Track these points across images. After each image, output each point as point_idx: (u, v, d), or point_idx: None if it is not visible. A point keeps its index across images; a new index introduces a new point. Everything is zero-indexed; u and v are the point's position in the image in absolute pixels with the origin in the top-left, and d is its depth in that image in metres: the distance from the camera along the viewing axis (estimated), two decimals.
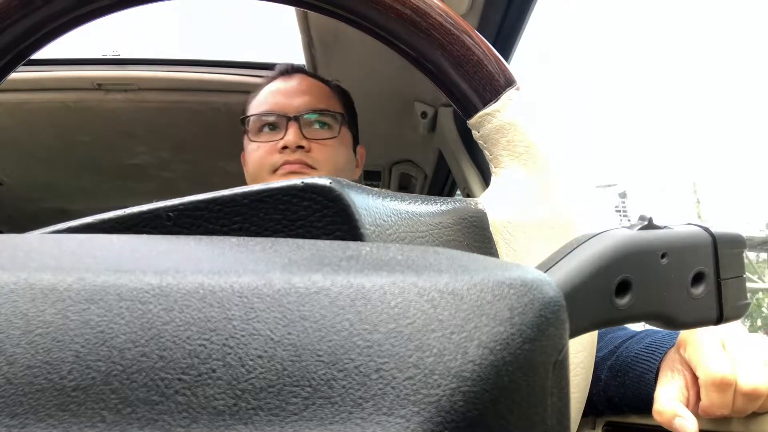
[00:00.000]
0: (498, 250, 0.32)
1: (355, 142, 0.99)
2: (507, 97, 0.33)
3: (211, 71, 1.35)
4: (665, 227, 0.25)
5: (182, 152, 1.57)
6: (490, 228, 0.32)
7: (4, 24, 0.31)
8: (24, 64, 0.33)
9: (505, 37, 1.02)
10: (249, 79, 1.33)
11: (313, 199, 0.22)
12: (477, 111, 0.33)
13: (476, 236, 0.31)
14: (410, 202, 0.28)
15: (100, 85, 1.32)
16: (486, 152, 0.35)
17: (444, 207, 0.30)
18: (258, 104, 0.93)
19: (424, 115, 1.30)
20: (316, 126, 0.90)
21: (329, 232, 0.22)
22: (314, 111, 0.90)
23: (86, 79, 1.31)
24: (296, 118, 0.89)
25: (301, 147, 0.87)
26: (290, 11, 1.09)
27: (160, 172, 1.68)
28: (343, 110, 0.95)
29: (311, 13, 0.88)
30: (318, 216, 0.22)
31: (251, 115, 0.93)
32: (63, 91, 1.33)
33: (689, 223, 0.26)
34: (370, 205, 0.24)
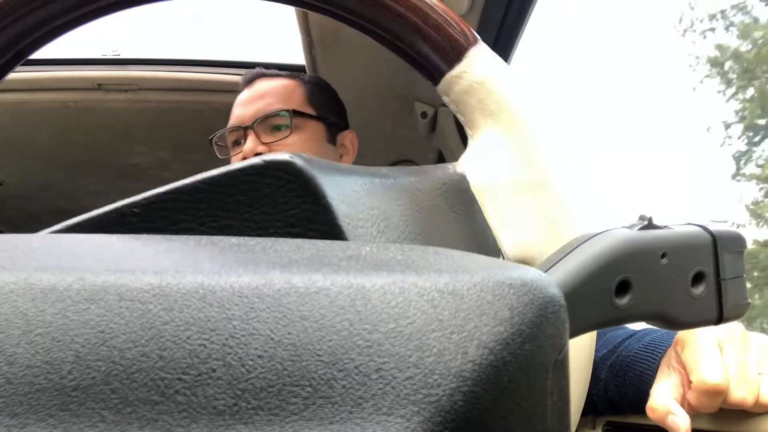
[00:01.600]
0: (483, 211, 0.31)
1: (334, 130, 0.96)
2: (471, 56, 0.32)
3: (211, 71, 1.34)
4: (665, 227, 0.25)
5: (182, 152, 1.57)
6: (471, 190, 0.31)
7: (3, 23, 0.30)
8: (24, 64, 0.33)
9: (505, 37, 1.02)
10: None
11: (275, 176, 0.21)
12: (443, 75, 0.32)
13: (458, 199, 0.30)
14: (384, 172, 0.28)
15: (100, 85, 1.32)
16: (460, 117, 0.34)
17: (420, 174, 0.29)
18: (230, 120, 0.94)
19: (424, 115, 1.30)
20: (274, 129, 0.90)
21: (295, 206, 0.21)
22: (265, 116, 0.90)
23: (86, 79, 1.31)
24: (251, 127, 0.89)
25: (259, 155, 0.87)
26: (290, 11, 1.09)
27: (159, 172, 1.68)
28: (307, 104, 0.93)
29: (311, 13, 0.88)
30: (282, 191, 0.21)
31: (215, 135, 0.94)
32: (63, 91, 1.33)
33: (689, 223, 0.26)
34: (337, 176, 0.23)
